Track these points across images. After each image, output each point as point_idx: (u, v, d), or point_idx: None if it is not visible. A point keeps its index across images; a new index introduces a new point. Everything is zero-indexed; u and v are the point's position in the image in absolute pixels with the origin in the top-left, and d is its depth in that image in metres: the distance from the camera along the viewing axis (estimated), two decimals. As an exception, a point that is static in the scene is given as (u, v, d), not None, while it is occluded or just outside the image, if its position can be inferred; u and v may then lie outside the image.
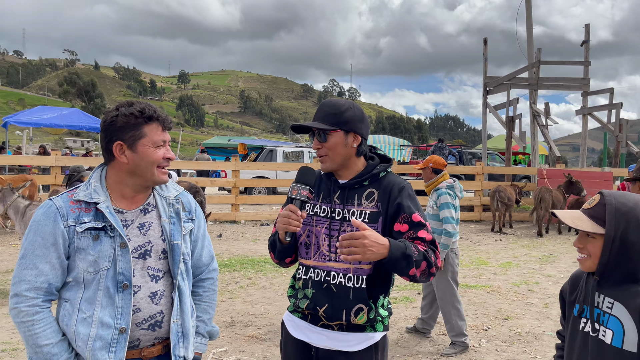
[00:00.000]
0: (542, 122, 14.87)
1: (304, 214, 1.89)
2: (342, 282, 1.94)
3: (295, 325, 2.07)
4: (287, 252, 2.03)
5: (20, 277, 1.69)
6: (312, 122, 2.01)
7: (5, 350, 4.32)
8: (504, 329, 5.10)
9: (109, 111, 1.79)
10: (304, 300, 2.00)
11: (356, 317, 1.94)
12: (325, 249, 1.98)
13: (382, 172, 2.03)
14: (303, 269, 2.03)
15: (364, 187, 2.00)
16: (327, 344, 1.99)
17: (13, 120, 15.38)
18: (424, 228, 1.96)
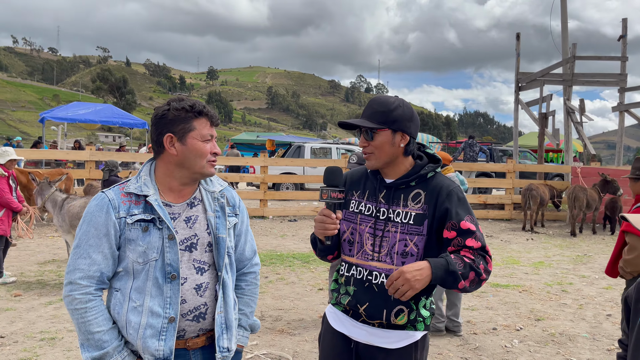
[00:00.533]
0: (576, 119, 14.50)
1: (339, 214, 1.89)
2: (384, 282, 1.92)
3: (337, 317, 2.08)
4: (329, 251, 2.06)
5: (74, 266, 1.76)
6: (360, 119, 1.98)
7: (44, 339, 4.46)
8: (537, 330, 5.01)
9: (160, 106, 1.86)
10: (346, 296, 2.01)
11: (396, 318, 1.92)
12: (368, 248, 1.96)
13: (430, 173, 1.97)
14: (346, 266, 2.03)
15: (411, 188, 1.96)
16: (367, 339, 1.99)
17: (50, 116, 15.83)
18: (472, 235, 1.88)
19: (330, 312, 2.13)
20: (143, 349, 1.75)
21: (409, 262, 1.91)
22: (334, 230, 1.88)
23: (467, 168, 14.28)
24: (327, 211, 1.88)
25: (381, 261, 1.94)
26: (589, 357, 4.34)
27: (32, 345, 4.31)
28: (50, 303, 5.51)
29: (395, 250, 1.92)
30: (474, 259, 1.85)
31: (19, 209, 6.47)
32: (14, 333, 4.59)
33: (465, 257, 1.85)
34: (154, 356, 1.74)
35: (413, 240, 1.91)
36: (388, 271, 1.93)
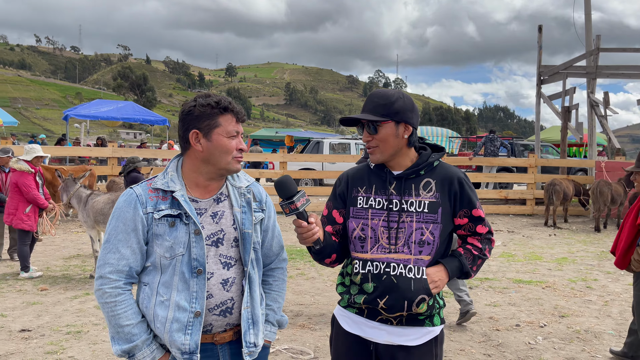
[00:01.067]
0: (600, 112, 14.21)
1: (312, 220, 1.85)
2: (403, 273, 1.92)
3: (349, 320, 2.05)
4: (323, 254, 2.01)
5: (104, 260, 1.79)
6: (362, 113, 1.98)
7: (70, 333, 4.55)
8: (561, 327, 4.94)
9: (187, 102, 1.87)
10: (361, 295, 1.97)
11: (418, 307, 1.92)
12: (384, 241, 1.94)
13: (436, 162, 2.01)
14: (359, 263, 1.98)
15: (420, 177, 1.98)
16: (387, 339, 1.97)
17: (73, 114, 16.10)
18: (482, 222, 2.03)
19: (340, 315, 2.09)
20: (169, 342, 1.77)
21: (425, 251, 1.93)
22: (313, 236, 1.85)
23: (488, 163, 14.11)
24: (297, 222, 1.84)
25: (398, 252, 1.93)
26: (620, 352, 4.26)
27: (58, 339, 4.40)
28: (75, 297, 5.61)
29: (412, 240, 1.92)
30: (480, 248, 2.05)
31: (46, 206, 6.60)
32: (41, 327, 4.69)
33: (474, 249, 2.05)
34: (180, 350, 1.76)
35: (429, 228, 1.93)
36: (406, 261, 1.92)
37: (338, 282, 2.10)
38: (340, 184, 2.10)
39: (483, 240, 2.05)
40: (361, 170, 2.08)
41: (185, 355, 1.77)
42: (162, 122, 17.57)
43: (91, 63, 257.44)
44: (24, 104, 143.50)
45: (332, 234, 2.06)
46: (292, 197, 1.79)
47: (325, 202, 2.14)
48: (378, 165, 2.03)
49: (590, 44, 15.01)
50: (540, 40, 16.25)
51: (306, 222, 1.84)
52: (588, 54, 14.82)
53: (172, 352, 1.78)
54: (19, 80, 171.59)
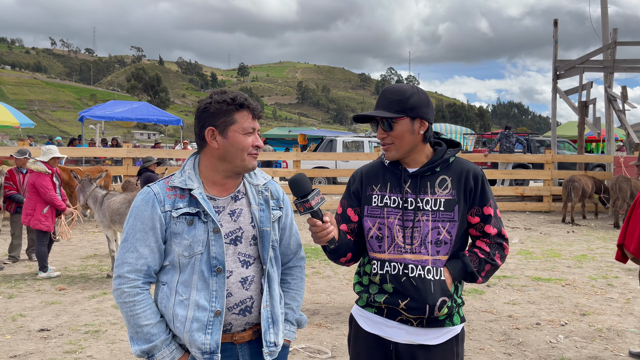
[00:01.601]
0: (618, 107, 13.97)
1: (326, 219, 1.81)
2: (422, 275, 1.87)
3: (368, 320, 2.01)
4: (338, 253, 1.97)
5: (122, 260, 1.77)
6: (376, 110, 1.93)
7: (89, 332, 4.57)
8: (583, 325, 4.85)
9: (203, 99, 1.85)
10: (381, 294, 1.92)
11: (439, 311, 1.88)
12: (400, 240, 1.90)
13: (452, 158, 1.96)
14: (377, 264, 1.94)
15: (436, 174, 1.93)
16: (407, 338, 1.93)
17: (89, 115, 16.24)
18: (490, 222, 1.95)
19: (359, 315, 2.05)
20: (190, 342, 1.74)
21: (443, 250, 1.89)
22: (328, 235, 1.81)
23: (504, 159, 13.96)
24: (312, 221, 1.80)
25: (415, 252, 1.88)
26: (639, 353, 4.17)
27: (77, 338, 4.43)
28: (93, 297, 5.65)
29: (428, 240, 1.88)
30: (488, 252, 1.94)
31: (63, 208, 6.65)
32: (60, 326, 4.72)
33: (480, 252, 1.94)
34: (200, 350, 1.74)
35: (445, 227, 1.88)
36: (424, 262, 1.88)
37: (355, 282, 2.06)
38: (355, 181, 2.06)
39: (492, 245, 1.95)
40: (375, 167, 2.04)
41: (206, 355, 1.74)
42: (176, 122, 17.66)
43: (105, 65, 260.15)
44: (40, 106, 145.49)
45: (347, 232, 2.02)
46: (307, 195, 1.76)
47: (339, 200, 2.09)
48: (393, 163, 1.98)
49: (607, 37, 14.76)
50: (556, 34, 16.02)
51: (320, 220, 1.80)
52: (605, 47, 14.58)
53: (192, 352, 1.76)
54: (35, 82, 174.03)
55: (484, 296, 5.79)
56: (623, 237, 3.93)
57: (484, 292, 5.95)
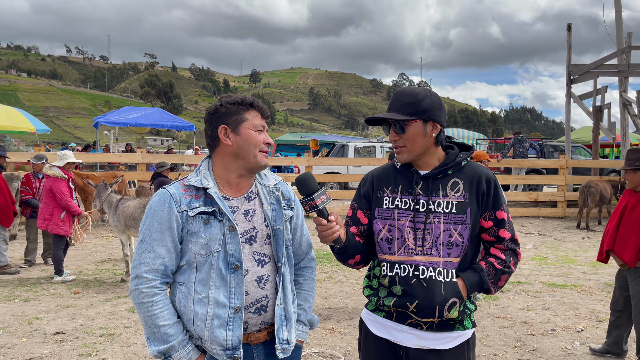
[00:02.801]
0: (633, 111, 13.81)
1: (332, 218, 1.82)
2: (433, 276, 1.87)
3: (377, 324, 2.00)
4: (346, 254, 1.97)
5: (140, 260, 1.80)
6: (388, 112, 1.94)
7: (103, 335, 4.61)
8: (599, 331, 4.79)
9: (212, 104, 1.92)
10: (390, 298, 1.92)
11: (449, 312, 1.87)
12: (411, 242, 1.89)
13: (464, 161, 1.96)
14: (387, 266, 1.93)
15: (448, 177, 1.93)
16: (417, 343, 1.92)
17: (103, 121, 16.43)
18: (504, 226, 1.95)
19: (368, 319, 2.05)
20: (211, 339, 1.76)
21: (454, 253, 1.88)
22: (333, 234, 1.82)
23: (517, 165, 13.85)
24: (317, 219, 1.81)
25: (426, 254, 1.88)
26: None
27: (92, 341, 4.47)
28: (107, 300, 5.70)
29: (440, 242, 1.87)
30: (504, 260, 1.95)
31: (78, 212, 6.72)
32: (75, 329, 4.77)
33: (497, 262, 1.94)
34: (222, 346, 1.76)
35: (457, 229, 1.88)
36: (435, 264, 1.87)
37: (365, 285, 2.06)
38: (365, 184, 2.06)
39: (507, 252, 1.96)
40: (387, 170, 2.04)
41: (228, 351, 1.76)
42: (189, 127, 17.79)
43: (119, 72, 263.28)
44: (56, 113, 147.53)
45: (357, 234, 2.02)
46: (312, 194, 1.78)
47: (350, 203, 2.11)
48: (404, 165, 1.99)
49: (621, 41, 14.62)
50: (570, 39, 15.91)
51: (326, 220, 1.81)
52: (619, 52, 14.44)
53: (214, 349, 1.77)
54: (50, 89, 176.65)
55: (498, 302, 5.74)
56: (612, 243, 3.94)
57: (498, 297, 5.90)
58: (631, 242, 3.81)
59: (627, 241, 3.84)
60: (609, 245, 4.00)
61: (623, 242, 3.88)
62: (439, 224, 1.89)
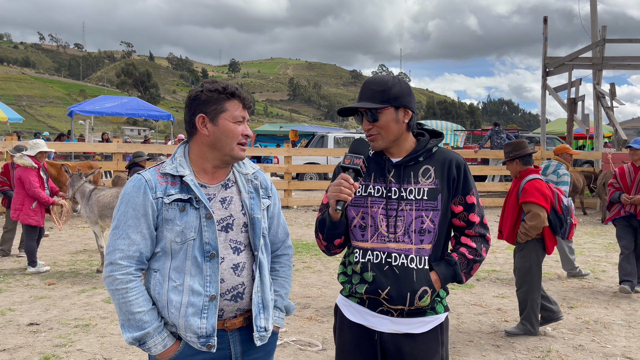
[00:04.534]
0: (607, 103, 14.11)
1: (357, 184, 1.83)
2: (405, 264, 1.89)
3: (352, 309, 2.02)
4: (337, 230, 1.94)
5: (114, 247, 1.77)
6: (360, 102, 1.94)
7: (78, 326, 4.55)
8: (571, 317, 4.91)
9: (194, 88, 1.88)
10: (362, 284, 1.94)
11: (420, 300, 1.89)
12: (383, 229, 1.92)
13: (435, 148, 1.98)
14: (360, 252, 1.95)
15: (419, 164, 1.95)
16: (392, 328, 1.95)
17: (78, 109, 16.10)
18: (474, 210, 1.97)
19: (343, 304, 2.07)
20: (185, 327, 1.75)
21: (426, 239, 1.90)
22: (348, 195, 1.80)
23: (494, 156, 14.05)
24: (345, 175, 1.81)
25: (398, 241, 1.90)
26: (625, 345, 4.24)
27: (66, 332, 4.41)
28: (83, 291, 5.62)
29: (412, 229, 1.90)
30: (476, 249, 1.97)
31: (49, 202, 6.58)
32: (49, 320, 4.70)
33: (468, 252, 1.96)
34: (196, 334, 1.75)
35: (429, 216, 1.90)
36: (407, 251, 1.89)
37: (340, 272, 2.08)
38: (339, 172, 2.05)
39: (477, 239, 1.98)
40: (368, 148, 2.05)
41: (202, 339, 1.76)
42: (166, 117, 17.56)
43: (95, 60, 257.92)
44: (29, 102, 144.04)
45: None
46: (362, 155, 1.85)
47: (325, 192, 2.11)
48: (377, 153, 2.00)
49: (596, 35, 14.90)
50: (546, 31, 16.13)
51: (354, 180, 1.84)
52: (594, 45, 14.71)
53: (188, 337, 1.77)
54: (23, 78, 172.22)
55: (474, 290, 5.84)
56: (500, 223, 4.62)
57: (474, 285, 6.01)
58: (508, 222, 4.49)
59: (506, 221, 4.52)
60: (499, 227, 4.65)
61: (504, 222, 4.56)
62: (411, 211, 1.91)
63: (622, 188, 5.74)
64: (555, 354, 4.06)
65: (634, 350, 4.14)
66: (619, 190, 5.74)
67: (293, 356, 3.99)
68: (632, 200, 5.53)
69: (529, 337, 4.40)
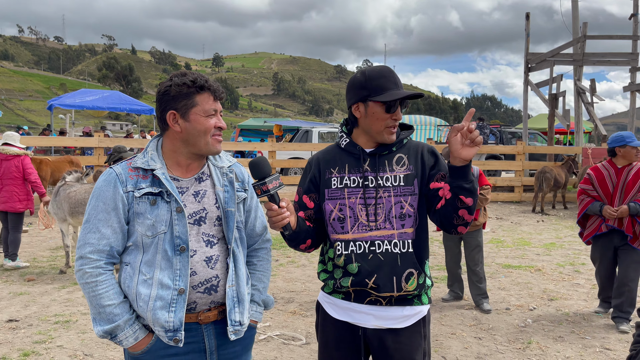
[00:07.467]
0: (587, 99, 14.31)
1: (282, 203, 1.80)
2: (389, 249, 1.90)
3: (335, 306, 2.02)
4: (297, 240, 1.95)
5: (84, 241, 1.76)
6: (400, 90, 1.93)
7: (58, 322, 4.49)
8: (551, 309, 4.99)
9: (164, 82, 1.84)
10: (347, 277, 1.93)
11: (407, 283, 1.90)
12: (364, 219, 1.92)
13: (406, 139, 2.02)
14: (342, 245, 1.94)
15: (393, 153, 1.98)
16: (375, 324, 1.95)
17: (58, 103, 15.81)
18: None
19: (326, 302, 2.06)
20: (153, 320, 1.74)
21: (407, 224, 1.92)
22: (283, 220, 1.79)
23: (477, 150, 14.17)
24: (268, 205, 1.79)
25: (380, 229, 1.91)
26: (604, 336, 4.32)
27: (46, 328, 4.34)
28: (63, 287, 5.54)
29: (392, 215, 1.91)
30: None
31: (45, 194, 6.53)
32: (29, 316, 4.62)
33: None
34: (164, 328, 1.74)
35: (407, 200, 1.93)
36: (390, 237, 1.91)
37: (319, 270, 2.07)
38: (311, 168, 2.06)
39: None
40: (331, 151, 2.06)
41: (169, 332, 1.74)
42: (149, 111, 17.34)
43: (75, 53, 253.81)
44: (7, 96, 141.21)
45: (305, 219, 2.02)
46: (264, 178, 1.76)
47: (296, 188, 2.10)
48: (350, 144, 2.01)
49: (577, 31, 15.07)
50: (528, 27, 16.29)
51: (277, 205, 1.79)
52: (575, 41, 14.89)
53: (156, 330, 1.75)
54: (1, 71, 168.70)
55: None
56: None
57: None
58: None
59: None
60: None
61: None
62: (390, 198, 1.92)
63: (600, 197, 4.56)
64: (535, 345, 4.12)
65: (613, 341, 4.21)
66: (596, 199, 4.58)
67: (276, 350, 3.99)
68: (618, 213, 4.36)
69: (511, 329, 4.46)
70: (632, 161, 4.48)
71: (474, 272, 4.99)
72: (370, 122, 1.93)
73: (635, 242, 4.39)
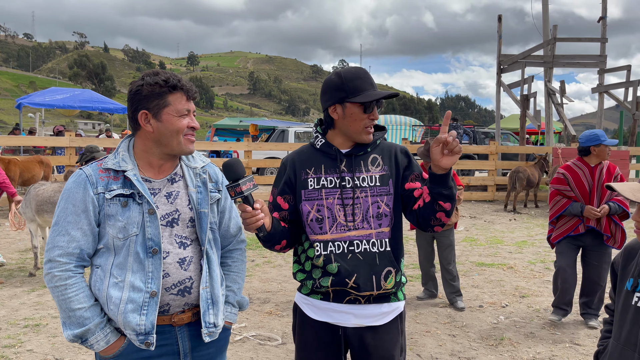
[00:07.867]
0: (557, 100, 14.64)
1: (256, 204, 1.79)
2: (367, 249, 1.94)
3: (314, 307, 2.02)
4: (272, 241, 1.95)
5: (53, 244, 1.72)
6: (377, 91, 1.96)
7: (28, 326, 4.39)
8: (522, 306, 5.09)
9: (135, 81, 1.81)
10: (327, 277, 1.94)
11: (386, 282, 1.94)
12: (342, 219, 1.94)
13: (379, 140, 2.06)
14: (320, 245, 1.95)
15: (368, 154, 2.02)
16: (355, 322, 1.98)
17: (27, 102, 15.40)
18: None
19: (304, 303, 2.06)
20: (124, 324, 1.71)
21: (384, 223, 1.96)
22: (257, 222, 1.78)
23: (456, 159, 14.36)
24: (242, 206, 1.78)
25: (358, 229, 1.94)
26: (574, 332, 4.43)
27: (16, 332, 4.24)
28: (33, 290, 5.41)
29: (370, 214, 1.94)
30: None
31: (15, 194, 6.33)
32: (-3, 321, 4.50)
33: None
34: (135, 331, 1.71)
35: (384, 200, 1.96)
36: (368, 236, 1.93)
37: (295, 270, 2.06)
38: (286, 169, 2.06)
39: None
40: (306, 152, 2.06)
41: (141, 336, 1.72)
42: (122, 110, 17.03)
43: (45, 51, 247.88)
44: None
45: (280, 220, 2.02)
46: (238, 180, 1.75)
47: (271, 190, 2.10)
48: (326, 145, 2.01)
49: (547, 34, 15.40)
50: (500, 29, 16.58)
51: (251, 207, 1.78)
52: (545, 43, 15.21)
53: (127, 334, 1.73)
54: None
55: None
56: None
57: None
58: None
59: None
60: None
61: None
62: (367, 198, 1.95)
63: (577, 197, 4.45)
64: (507, 342, 4.20)
65: (582, 336, 4.33)
66: (573, 199, 4.47)
67: (252, 351, 3.97)
68: (601, 212, 4.30)
69: (484, 326, 4.54)
70: (605, 160, 4.47)
71: (447, 271, 5.06)
72: (348, 123, 1.95)
73: (610, 241, 4.42)
